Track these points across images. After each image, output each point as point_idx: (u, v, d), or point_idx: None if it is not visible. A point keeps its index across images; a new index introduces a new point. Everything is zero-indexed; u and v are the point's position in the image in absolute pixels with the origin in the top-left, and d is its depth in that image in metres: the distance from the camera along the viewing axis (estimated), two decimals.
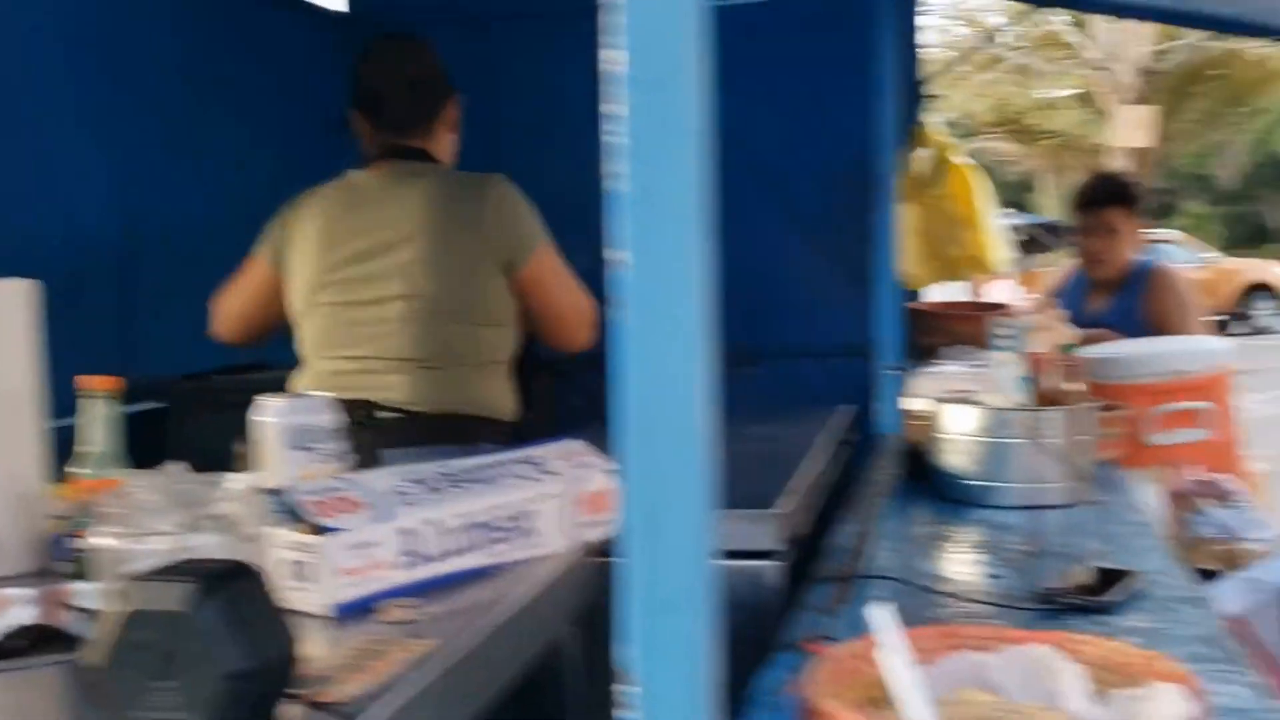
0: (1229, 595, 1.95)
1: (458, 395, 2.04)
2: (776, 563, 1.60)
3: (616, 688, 0.64)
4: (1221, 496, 2.76)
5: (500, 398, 2.11)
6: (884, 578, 1.59)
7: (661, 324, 0.61)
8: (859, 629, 1.38)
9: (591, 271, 1.77)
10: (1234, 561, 2.44)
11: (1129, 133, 16.47)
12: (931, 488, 2.22)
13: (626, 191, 0.61)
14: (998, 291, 7.75)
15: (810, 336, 3.16)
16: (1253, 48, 18.76)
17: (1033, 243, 15.52)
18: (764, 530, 1.62)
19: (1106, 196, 3.54)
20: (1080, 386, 2.19)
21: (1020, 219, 17.29)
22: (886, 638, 0.82)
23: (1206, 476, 2.82)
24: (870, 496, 1.89)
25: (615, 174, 0.61)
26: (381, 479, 1.32)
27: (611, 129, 0.61)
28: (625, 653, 0.64)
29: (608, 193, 0.62)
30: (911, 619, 1.50)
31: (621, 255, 0.62)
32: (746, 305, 3.39)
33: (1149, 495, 2.72)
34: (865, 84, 2.59)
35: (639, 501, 0.63)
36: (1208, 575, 2.16)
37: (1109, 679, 1.03)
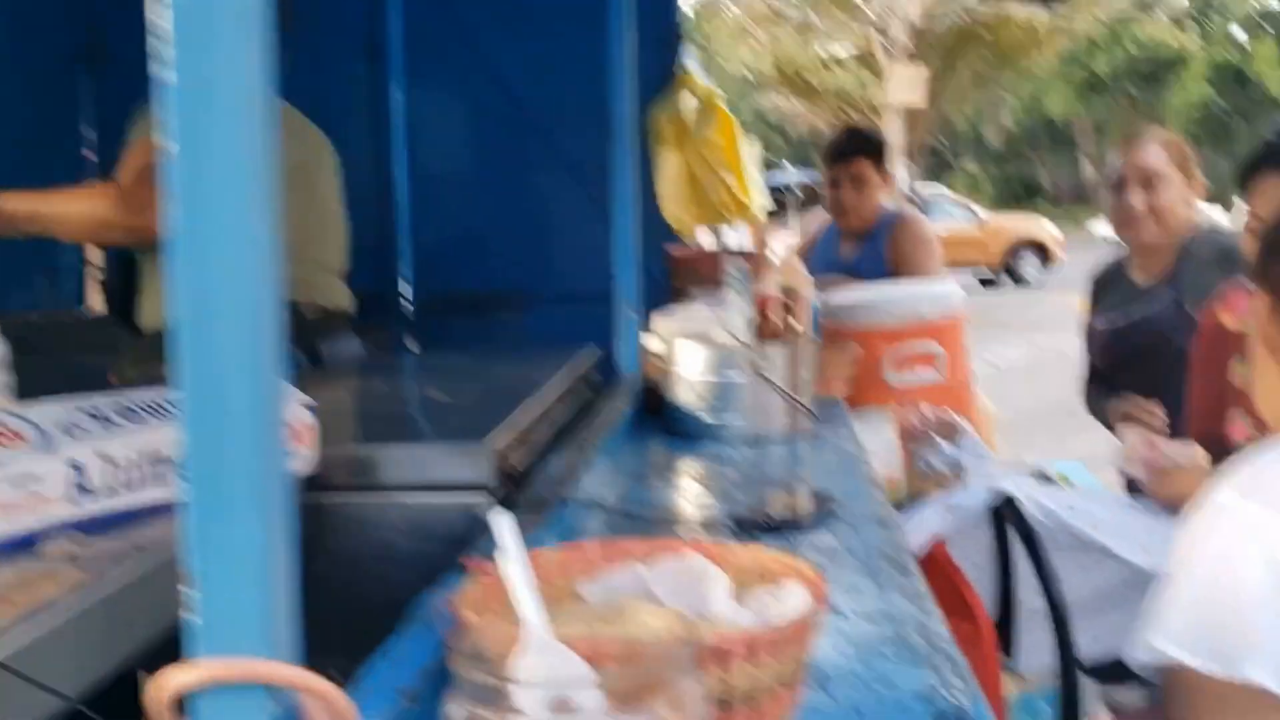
0: (931, 518, 2.06)
1: None
2: (486, 495, 1.61)
3: (181, 591, 0.64)
4: (951, 433, 2.91)
5: None
6: (586, 503, 1.62)
7: (213, 220, 0.60)
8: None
9: None
10: None
11: (903, 91, 17.08)
12: (665, 424, 2.28)
13: (173, 79, 0.60)
14: (775, 241, 7.95)
15: (567, 282, 3.19)
16: (1020, 11, 19.69)
17: (815, 196, 15.95)
18: (475, 463, 1.62)
19: (854, 149, 3.67)
20: (803, 326, 2.27)
21: (803, 174, 17.74)
22: (505, 544, 0.83)
23: (937, 413, 2.96)
24: (598, 431, 1.92)
25: (162, 61, 0.60)
26: (52, 410, 1.27)
27: (155, 21, 0.60)
28: (188, 558, 0.63)
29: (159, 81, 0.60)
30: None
31: (170, 145, 0.61)
32: (505, 252, 3.42)
33: (883, 431, 2.85)
34: (606, 27, 2.60)
35: (194, 401, 0.62)
36: None
37: (751, 581, 1.07)
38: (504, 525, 0.84)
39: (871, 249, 3.78)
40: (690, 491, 1.81)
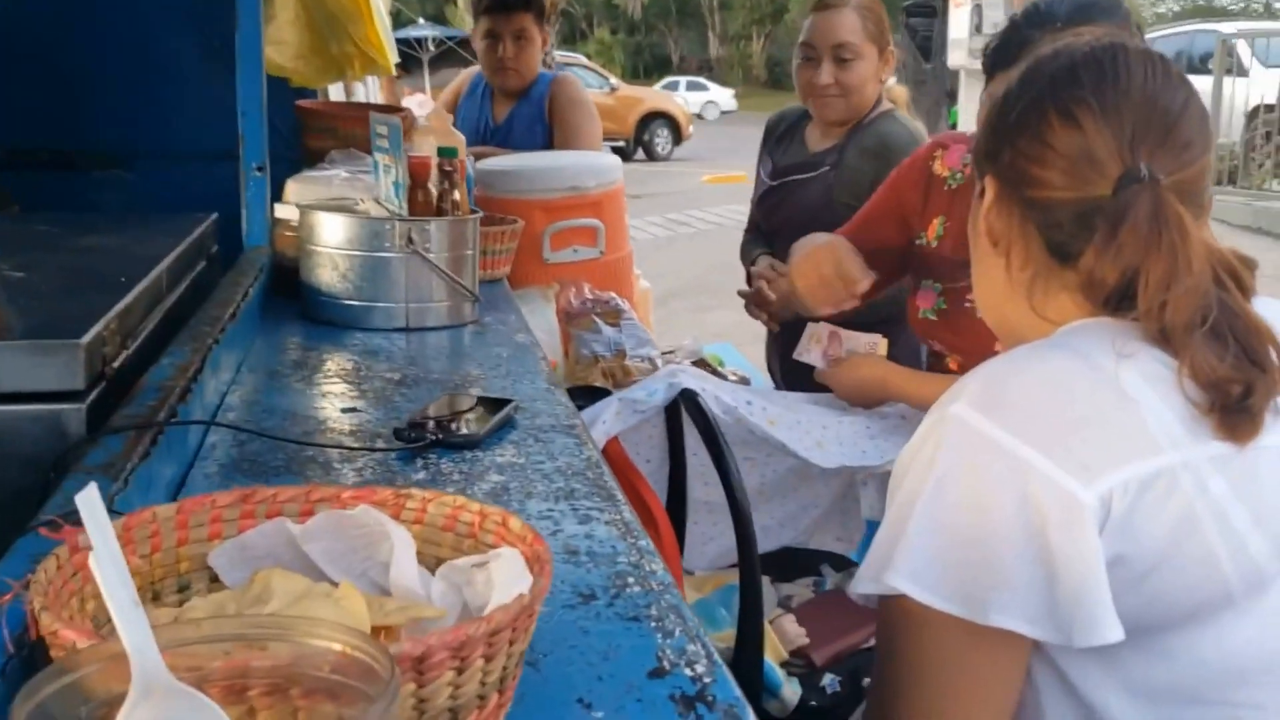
0: (607, 414, 1.88)
1: None
2: (74, 405, 1.25)
3: None
4: (612, 315, 2.74)
5: None
6: (204, 422, 1.31)
7: None
8: (155, 495, 1.09)
9: None
10: (622, 378, 2.42)
11: None
12: (301, 309, 1.96)
13: None
14: (412, 105, 7.53)
15: (182, 138, 2.73)
16: None
17: (450, 54, 15.45)
18: (58, 365, 1.26)
19: (517, 1, 3.38)
20: (462, 196, 1.99)
21: (435, 29, 17.11)
22: (94, 529, 0.54)
23: (598, 294, 2.79)
24: (219, 321, 1.58)
25: None
26: None
27: None
28: None
29: None
30: (244, 472, 1.25)
31: None
32: (105, 101, 2.90)
33: (543, 313, 2.64)
34: None
35: None
36: (596, 393, 2.09)
37: (444, 543, 0.83)
38: (90, 502, 0.55)
39: (527, 111, 3.53)
40: (340, 397, 1.52)
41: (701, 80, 29.27)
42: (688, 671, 0.82)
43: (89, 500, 0.55)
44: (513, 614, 0.67)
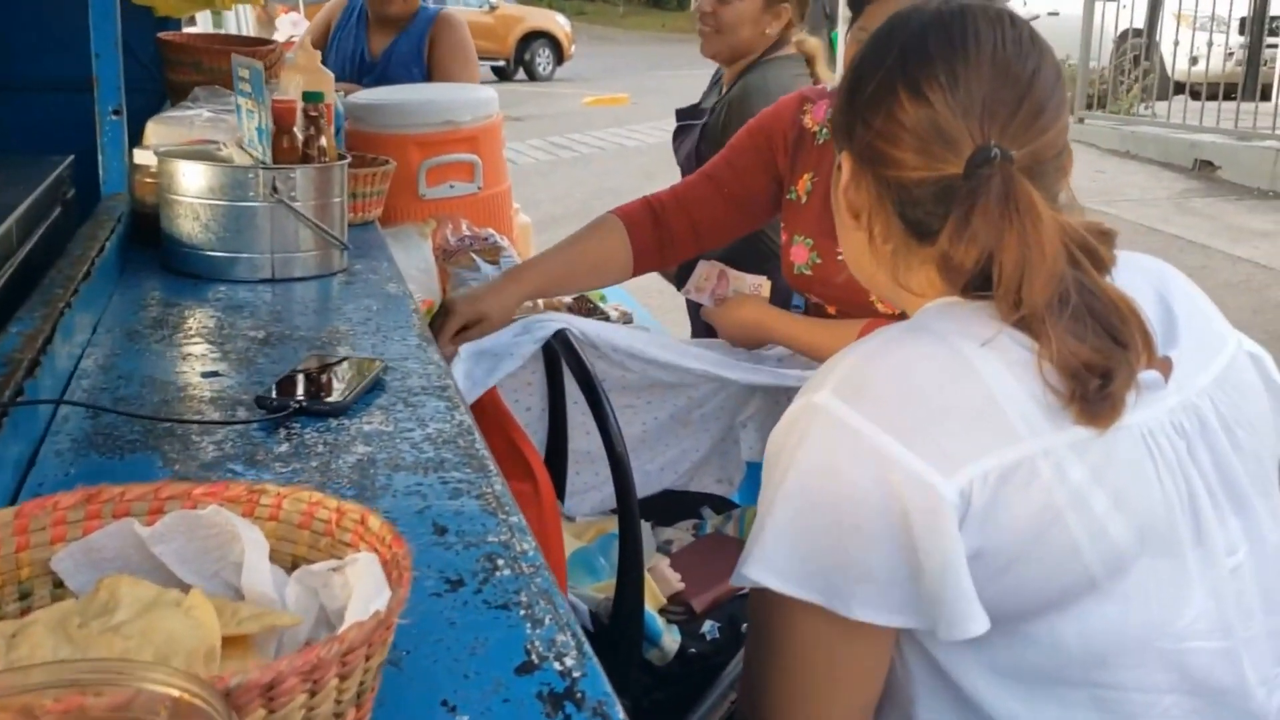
0: (484, 368, 1.84)
1: None
2: None
3: None
4: (491, 251, 2.70)
5: None
6: (54, 401, 1.25)
7: None
8: (2, 477, 1.04)
9: None
10: None
11: None
12: (161, 259, 1.88)
13: None
14: (285, 25, 7.26)
15: (25, 65, 2.58)
16: None
17: None
18: None
19: None
20: (330, 141, 1.92)
21: None
22: None
23: (476, 231, 2.74)
24: (73, 281, 1.50)
25: None
26: None
27: None
28: None
29: None
30: (97, 448, 1.19)
31: None
32: None
33: (419, 251, 2.58)
34: None
35: None
36: None
37: (300, 541, 0.80)
38: None
39: (406, 48, 3.43)
40: (198, 360, 1.46)
41: None
42: (557, 666, 0.81)
43: None
44: (368, 631, 0.64)
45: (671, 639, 1.83)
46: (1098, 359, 0.92)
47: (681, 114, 2.83)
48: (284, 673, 0.61)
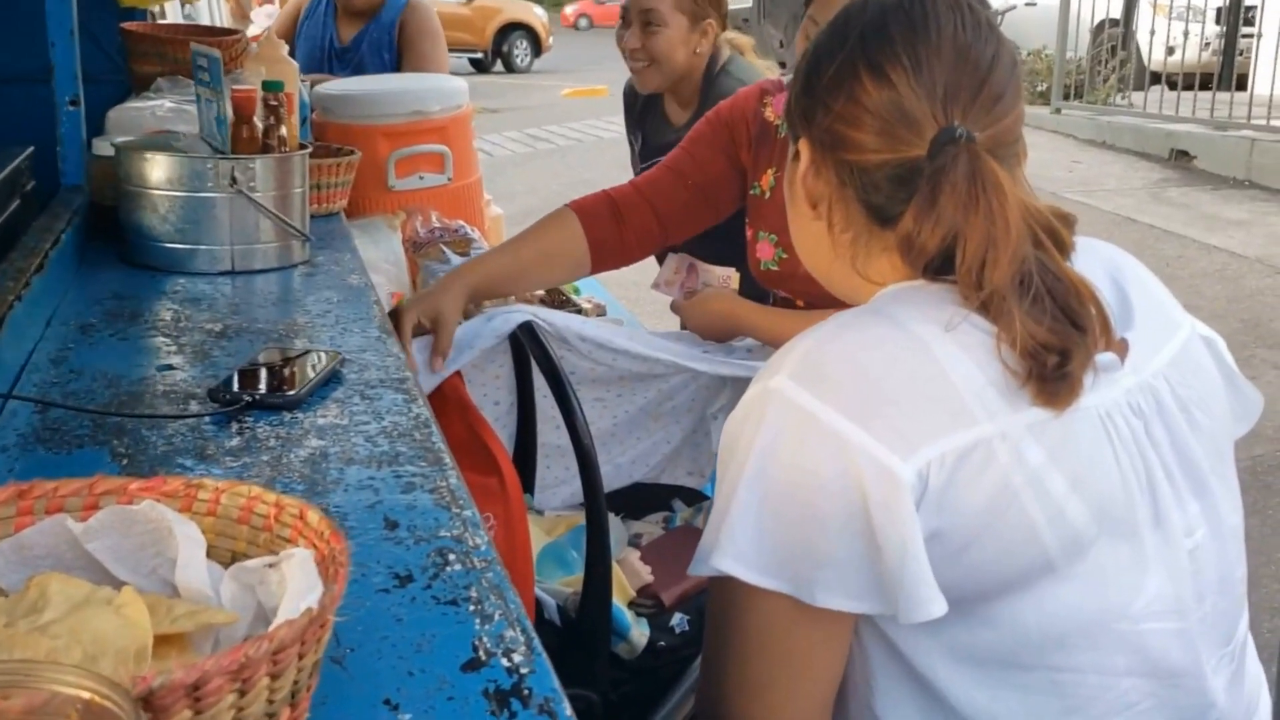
0: (450, 358, 1.82)
1: None
2: None
3: None
4: (461, 243, 2.67)
5: None
6: (1, 396, 1.22)
7: None
8: None
9: None
10: (473, 310, 2.36)
11: None
12: (120, 251, 1.85)
13: None
14: (260, 18, 7.21)
15: None
16: None
17: None
18: None
19: None
20: (291, 131, 1.89)
21: None
22: None
23: (446, 222, 2.72)
24: (24, 274, 1.47)
25: None
26: None
27: None
28: None
29: None
30: (45, 443, 1.17)
31: None
32: None
33: (388, 243, 2.56)
34: None
35: None
36: None
37: (239, 536, 0.78)
38: None
39: (377, 35, 3.40)
40: (153, 353, 1.44)
41: None
42: (504, 662, 0.79)
43: None
44: (299, 629, 0.62)
45: (640, 632, 1.82)
46: (1055, 340, 0.91)
47: (648, 152, 2.75)
48: (209, 672, 0.59)
